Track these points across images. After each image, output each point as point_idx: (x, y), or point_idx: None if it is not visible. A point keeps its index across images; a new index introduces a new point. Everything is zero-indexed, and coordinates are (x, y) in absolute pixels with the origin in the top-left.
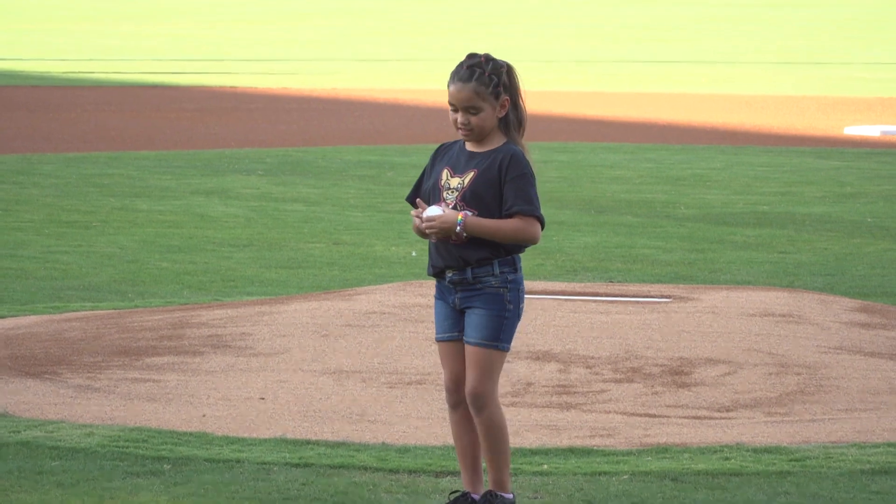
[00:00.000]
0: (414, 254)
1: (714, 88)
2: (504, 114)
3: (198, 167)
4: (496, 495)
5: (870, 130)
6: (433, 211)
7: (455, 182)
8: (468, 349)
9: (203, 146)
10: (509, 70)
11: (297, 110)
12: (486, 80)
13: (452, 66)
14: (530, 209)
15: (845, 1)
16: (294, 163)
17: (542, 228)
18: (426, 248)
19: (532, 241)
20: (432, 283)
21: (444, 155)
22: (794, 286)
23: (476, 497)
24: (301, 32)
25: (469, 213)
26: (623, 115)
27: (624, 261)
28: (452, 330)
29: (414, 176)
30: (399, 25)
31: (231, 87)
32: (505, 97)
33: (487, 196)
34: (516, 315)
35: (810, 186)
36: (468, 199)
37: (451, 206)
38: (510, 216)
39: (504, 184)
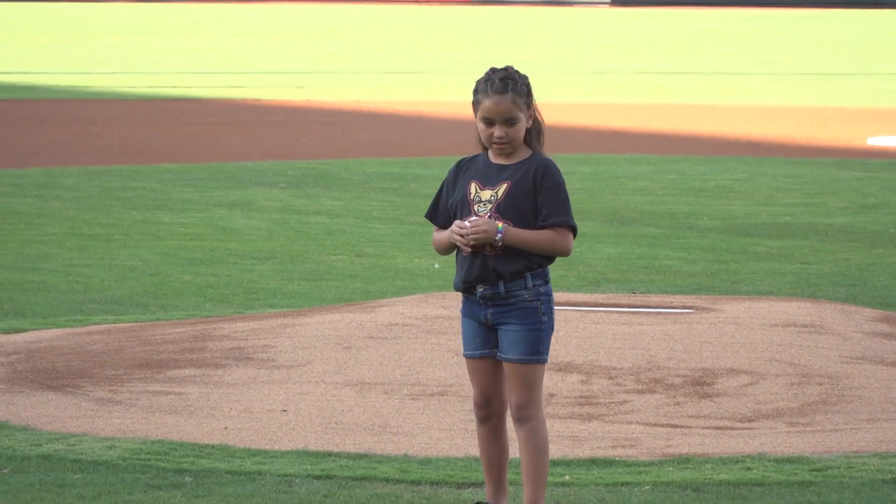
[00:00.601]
0: (437, 266)
1: (737, 100)
2: (531, 125)
3: (220, 180)
4: None
5: (893, 141)
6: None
7: (487, 194)
8: (508, 367)
9: (225, 159)
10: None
11: (320, 123)
12: (521, 90)
13: (475, 78)
14: (566, 220)
15: (868, 13)
16: (317, 175)
17: (575, 237)
18: (451, 261)
19: (565, 252)
20: (454, 295)
21: (467, 169)
22: (816, 297)
23: None
24: (323, 46)
25: (506, 224)
26: (646, 127)
27: (646, 272)
28: (483, 347)
29: (436, 188)
30: (421, 38)
31: (254, 99)
32: (535, 107)
33: (524, 207)
34: (550, 326)
35: (833, 197)
36: (503, 210)
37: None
38: (546, 227)
39: (539, 194)
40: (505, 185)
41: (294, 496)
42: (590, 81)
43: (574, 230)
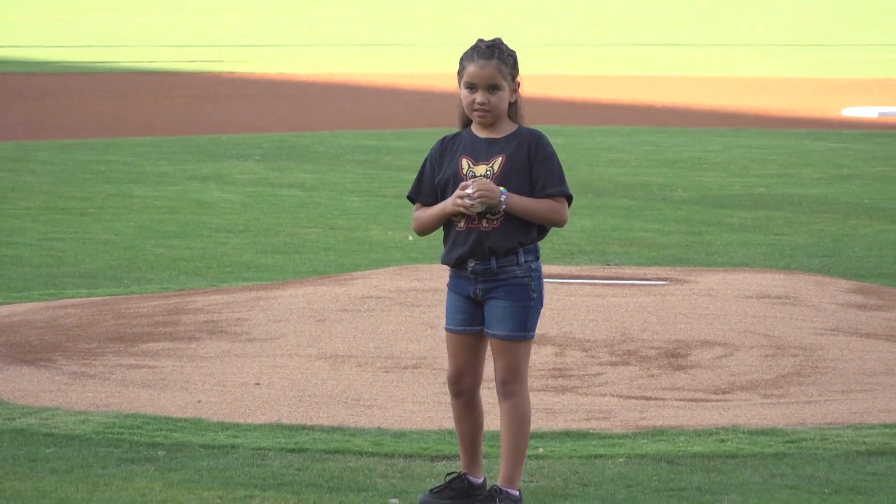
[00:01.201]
0: (411, 238)
1: (711, 71)
2: (514, 99)
3: (194, 153)
4: (502, 491)
5: (867, 112)
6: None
7: (482, 169)
8: (495, 342)
9: (199, 132)
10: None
11: (294, 95)
12: (507, 59)
13: (450, 51)
14: (562, 189)
15: None
16: (291, 148)
17: (570, 206)
18: (427, 236)
19: (562, 221)
20: (428, 267)
21: (453, 146)
22: (790, 268)
23: (473, 479)
24: (297, 18)
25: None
26: (620, 98)
27: (621, 244)
28: (465, 324)
29: (411, 161)
30: (396, 10)
31: (228, 72)
32: (518, 80)
33: (521, 178)
34: (540, 303)
35: (807, 168)
36: (500, 183)
37: None
38: (543, 197)
39: (534, 165)
40: (500, 159)
41: (268, 469)
42: (565, 53)
43: (570, 199)
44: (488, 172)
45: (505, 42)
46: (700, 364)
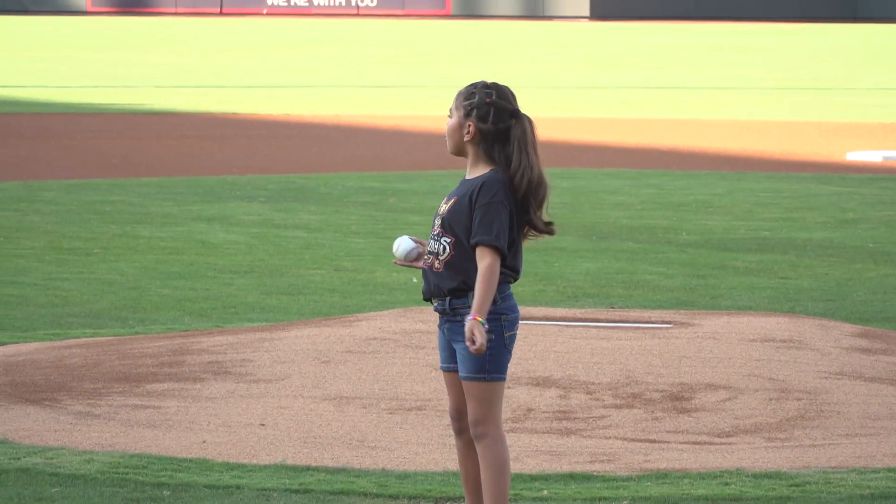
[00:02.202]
0: (415, 280)
1: (715, 114)
2: (469, 138)
3: (199, 194)
4: None
5: (872, 156)
6: (403, 244)
7: (443, 209)
8: (463, 384)
9: (205, 173)
10: (499, 108)
11: (299, 137)
12: (466, 93)
13: (454, 93)
14: (488, 239)
15: (847, 27)
16: (296, 189)
17: (504, 258)
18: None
19: (495, 272)
20: (433, 310)
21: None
22: (794, 311)
23: None
24: (303, 60)
25: (470, 316)
26: (624, 142)
27: (625, 287)
28: (450, 361)
29: (416, 203)
30: (401, 53)
31: (233, 113)
32: (470, 121)
33: (460, 223)
34: (501, 345)
35: (812, 212)
36: (446, 226)
37: (436, 233)
38: (474, 247)
39: (473, 211)
40: (452, 201)
41: None
42: (569, 95)
43: (497, 249)
44: (443, 213)
45: (495, 87)
46: (704, 407)
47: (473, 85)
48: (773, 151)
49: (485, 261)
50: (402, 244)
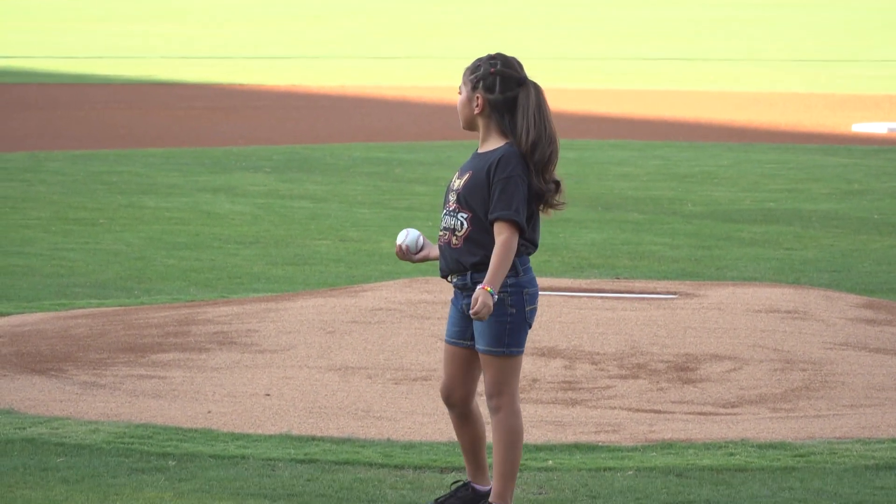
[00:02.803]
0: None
1: (722, 86)
2: (479, 111)
3: (205, 164)
4: None
5: (877, 128)
6: (412, 234)
7: (457, 184)
8: (480, 356)
9: (211, 143)
10: (505, 77)
11: (305, 107)
12: (472, 67)
13: (461, 64)
14: (503, 214)
15: (853, 0)
16: (301, 160)
17: (523, 233)
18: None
19: (513, 248)
20: (438, 280)
21: (466, 161)
22: (799, 283)
23: (479, 487)
24: (309, 31)
25: (481, 285)
26: (631, 113)
27: (630, 257)
28: (458, 336)
29: (422, 173)
30: (407, 23)
31: (239, 84)
32: (478, 94)
33: (477, 198)
34: (521, 319)
35: (817, 183)
36: (462, 200)
37: (452, 208)
38: (493, 222)
39: (491, 185)
40: (468, 175)
41: (277, 480)
42: (575, 67)
43: (516, 224)
44: (458, 188)
45: (500, 57)
46: (709, 378)
47: (478, 59)
48: (779, 123)
49: (503, 235)
50: (411, 234)
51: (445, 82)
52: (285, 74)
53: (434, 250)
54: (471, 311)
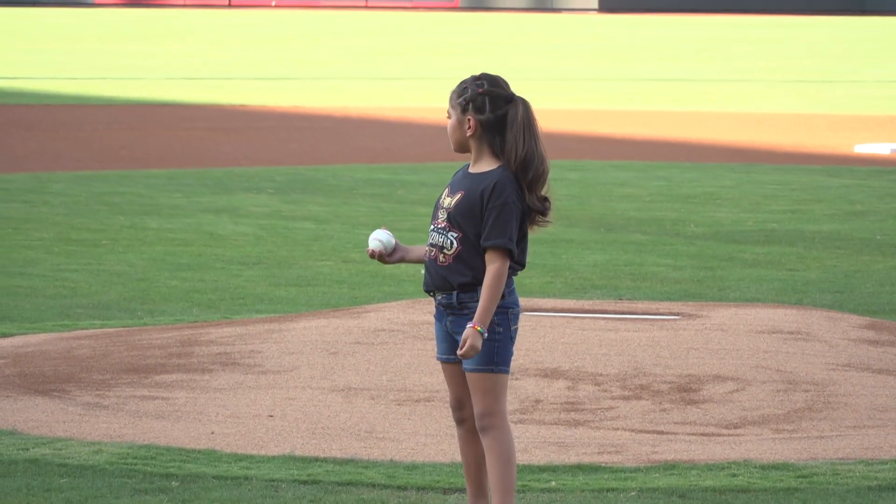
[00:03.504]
0: (423, 271)
1: (724, 106)
2: (471, 133)
3: (208, 185)
4: None
5: (880, 148)
6: (385, 235)
7: (447, 201)
8: (467, 375)
9: (213, 164)
10: (494, 96)
11: (308, 129)
12: (458, 90)
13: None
14: (501, 242)
15: (855, 20)
16: (304, 181)
17: (514, 259)
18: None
19: (503, 277)
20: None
21: (454, 176)
22: (802, 303)
23: None
24: (311, 52)
25: (471, 324)
26: (633, 133)
27: (633, 278)
28: (449, 352)
29: (425, 194)
30: (410, 44)
31: (241, 105)
32: (468, 115)
33: (469, 220)
34: (508, 338)
35: (820, 204)
36: (452, 219)
37: (441, 226)
38: (485, 249)
39: (484, 210)
40: (459, 195)
41: (280, 501)
42: (577, 87)
43: (509, 252)
44: (449, 205)
45: (485, 77)
46: (712, 399)
47: (463, 81)
48: (782, 143)
49: (495, 264)
50: (384, 237)
51: (447, 103)
52: (288, 95)
53: (409, 253)
54: (458, 352)
